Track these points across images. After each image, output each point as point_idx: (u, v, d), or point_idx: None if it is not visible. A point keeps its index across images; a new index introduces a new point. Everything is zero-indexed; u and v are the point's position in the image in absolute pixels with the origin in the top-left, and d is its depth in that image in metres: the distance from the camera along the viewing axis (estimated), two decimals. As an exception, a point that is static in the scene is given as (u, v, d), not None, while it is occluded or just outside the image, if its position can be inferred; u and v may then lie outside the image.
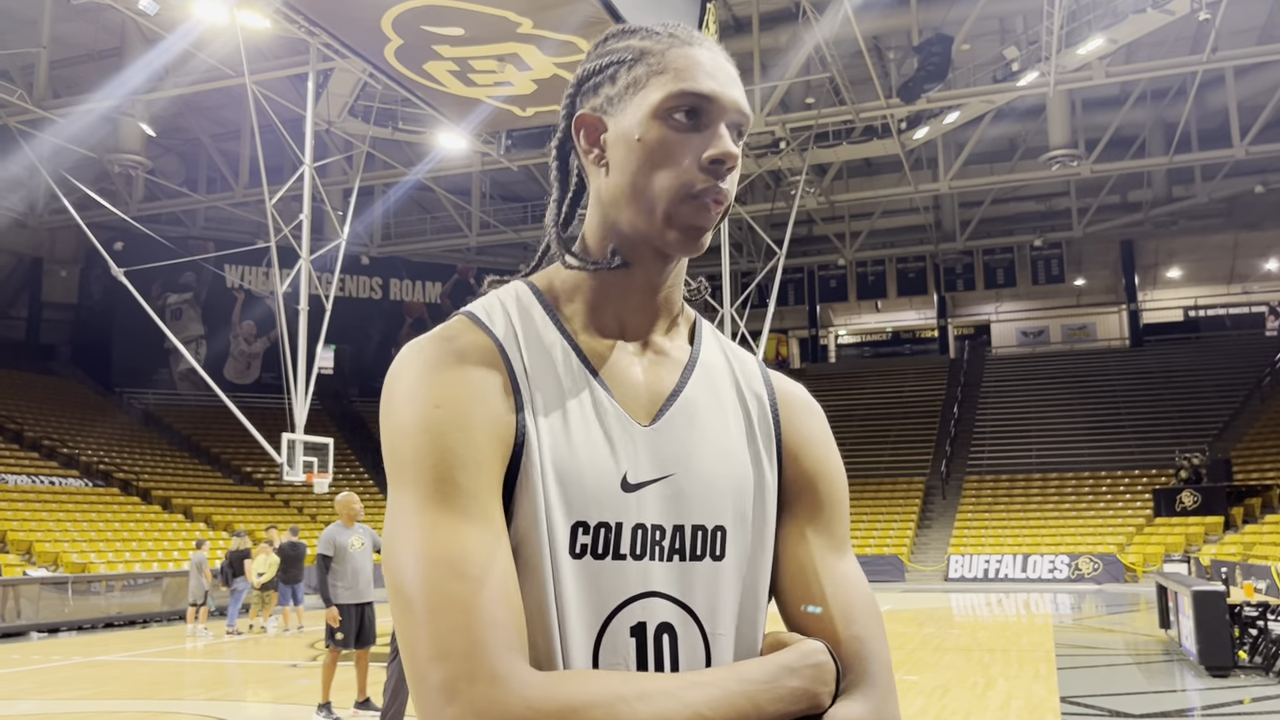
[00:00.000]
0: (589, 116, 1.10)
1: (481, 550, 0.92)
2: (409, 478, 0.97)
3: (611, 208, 1.08)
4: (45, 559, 20.32)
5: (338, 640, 8.45)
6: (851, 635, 1.04)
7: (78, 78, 25.14)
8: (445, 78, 16.62)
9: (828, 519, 1.12)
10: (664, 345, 1.12)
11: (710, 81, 1.05)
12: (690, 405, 1.09)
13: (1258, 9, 23.75)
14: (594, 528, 0.99)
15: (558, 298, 1.12)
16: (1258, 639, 10.95)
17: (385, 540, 0.96)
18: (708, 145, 1.04)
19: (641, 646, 1.00)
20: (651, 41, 1.09)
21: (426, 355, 1.03)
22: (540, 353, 1.06)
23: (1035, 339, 40.68)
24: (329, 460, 19.23)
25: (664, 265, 1.09)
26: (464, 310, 1.10)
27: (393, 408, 1.02)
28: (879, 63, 24.84)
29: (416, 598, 0.90)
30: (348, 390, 37.69)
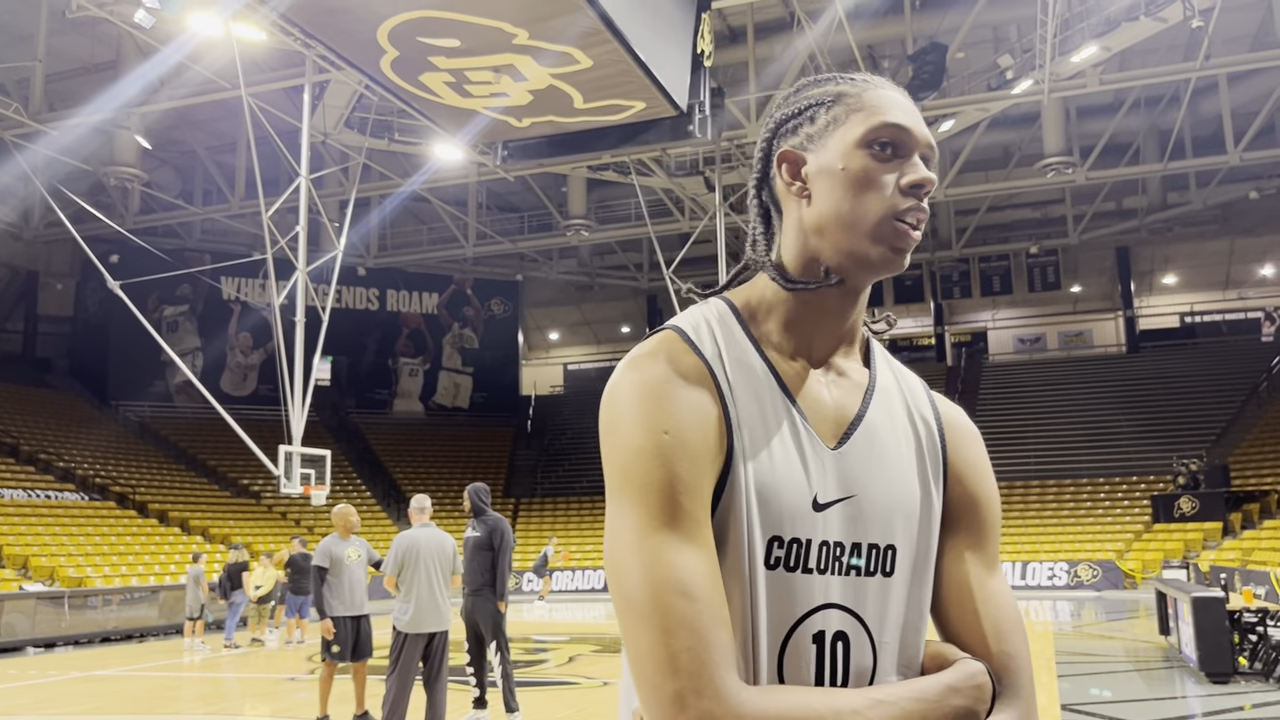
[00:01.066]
0: (791, 153, 1.21)
1: (704, 574, 1.03)
2: (637, 497, 1.06)
3: (814, 235, 1.18)
4: (41, 573, 20.25)
5: (334, 653, 8.41)
6: (1002, 651, 1.15)
7: (73, 91, 25.15)
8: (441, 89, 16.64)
9: (984, 540, 1.23)
10: (845, 367, 1.23)
11: (905, 116, 1.18)
12: (871, 430, 1.19)
13: (1250, 16, 23.85)
14: (787, 542, 1.10)
15: (754, 316, 1.22)
16: (1257, 645, 10.93)
17: (612, 554, 1.07)
18: (907, 172, 1.17)
19: (820, 653, 1.11)
20: (848, 85, 1.22)
21: (650, 376, 1.11)
22: (743, 374, 1.15)
23: (1032, 346, 40.71)
24: (326, 472, 19.18)
25: (859, 290, 1.20)
26: (672, 325, 1.19)
27: (618, 426, 1.10)
28: (874, 71, 24.86)
29: (650, 616, 1.01)
30: (345, 401, 37.66)
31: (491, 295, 40.94)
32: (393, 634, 7.54)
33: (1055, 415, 33.16)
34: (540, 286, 42.02)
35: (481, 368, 40.53)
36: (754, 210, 1.28)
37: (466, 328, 40.63)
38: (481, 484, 8.38)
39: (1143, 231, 35.33)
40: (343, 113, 23.71)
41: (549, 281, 41.14)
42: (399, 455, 35.98)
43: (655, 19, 16.03)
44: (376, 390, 39.12)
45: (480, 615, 8.06)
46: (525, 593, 27.50)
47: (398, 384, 39.54)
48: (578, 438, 37.35)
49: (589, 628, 19.01)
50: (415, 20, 14.05)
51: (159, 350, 21.73)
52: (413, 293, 39.47)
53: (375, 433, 37.18)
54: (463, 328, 40.55)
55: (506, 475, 36.59)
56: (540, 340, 46.13)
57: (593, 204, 33.32)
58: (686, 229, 29.41)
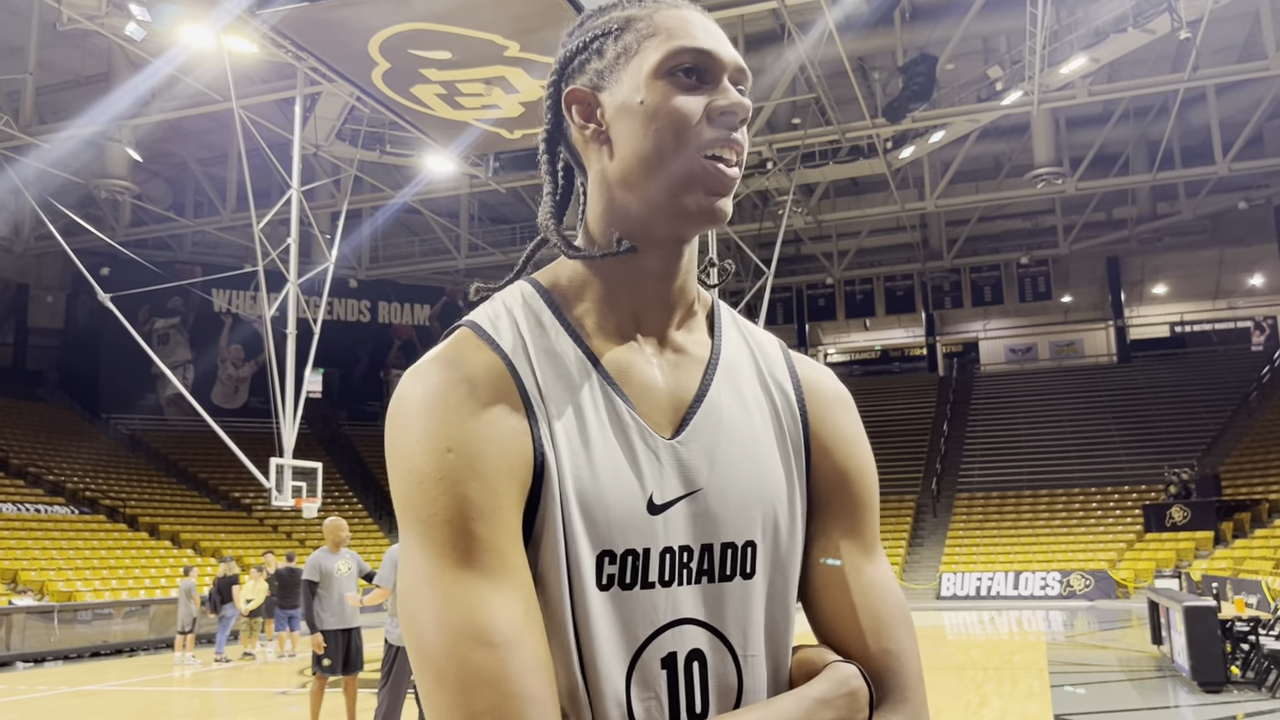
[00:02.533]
0: (580, 91, 1.04)
1: (508, 613, 0.87)
2: (423, 531, 0.90)
3: (620, 186, 1.02)
4: (31, 587, 20.13)
5: (324, 667, 8.38)
6: (882, 649, 1.01)
7: (64, 103, 25.11)
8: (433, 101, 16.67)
9: (857, 521, 1.07)
10: (683, 342, 1.06)
11: (707, 38, 1.02)
12: (715, 410, 1.02)
13: (1238, 28, 24.00)
14: (620, 556, 0.94)
15: (566, 297, 1.05)
16: (1249, 654, 10.94)
17: (403, 599, 0.91)
18: (716, 99, 1.00)
19: (673, 677, 0.96)
20: (635, 8, 1.05)
21: (432, 386, 0.94)
22: (553, 365, 0.99)
23: (1023, 356, 40.82)
24: (318, 485, 19.11)
25: (679, 247, 1.04)
26: (467, 321, 1.03)
27: (400, 448, 0.93)
28: (864, 83, 24.99)
29: (445, 672, 0.86)
30: (336, 414, 37.55)
31: (483, 307, 40.86)
32: (385, 647, 7.50)
33: (1047, 425, 33.22)
34: (532, 298, 41.97)
35: (474, 379, 40.42)
36: (543, 167, 1.10)
37: (458, 339, 40.54)
38: None
39: (1133, 241, 35.48)
40: (334, 125, 23.71)
41: (541, 293, 41.09)
42: (391, 467, 35.81)
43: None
44: (368, 402, 39.01)
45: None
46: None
47: (389, 396, 39.40)
48: (570, 449, 37.28)
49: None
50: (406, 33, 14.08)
51: (150, 363, 21.67)
52: (405, 304, 39.43)
53: (367, 445, 37.08)
54: (455, 339, 40.47)
55: (499, 487, 36.44)
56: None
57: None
58: (678, 240, 29.39)
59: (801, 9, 20.87)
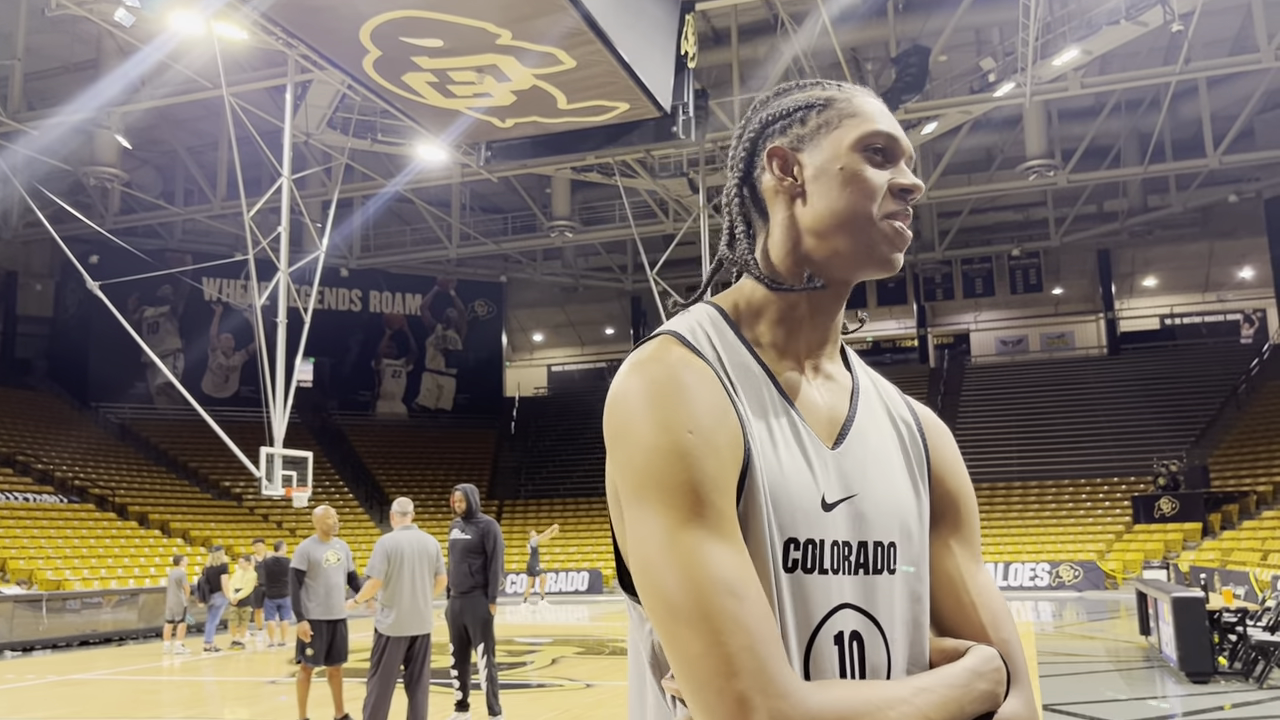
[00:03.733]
0: (783, 149, 1.22)
1: (745, 569, 1.03)
2: (665, 499, 1.04)
3: (810, 234, 1.20)
4: (19, 576, 20.06)
5: (308, 656, 8.36)
6: (1000, 639, 1.18)
7: (52, 90, 24.95)
8: (424, 89, 16.60)
9: (968, 534, 1.27)
10: (830, 370, 1.25)
11: (893, 126, 1.22)
12: (862, 430, 1.21)
13: (1229, 21, 24.04)
14: (803, 544, 1.10)
15: (743, 319, 1.23)
16: (1237, 645, 11.00)
17: (643, 559, 1.04)
18: (897, 176, 1.20)
19: (841, 654, 1.12)
20: (835, 91, 1.25)
21: (659, 377, 1.09)
22: (742, 376, 1.16)
23: (1014, 348, 40.92)
24: (308, 474, 19.09)
25: (845, 292, 1.23)
26: (669, 330, 1.18)
27: (633, 429, 1.07)
28: (857, 74, 24.97)
29: (700, 618, 0.99)
30: (327, 403, 37.49)
31: (475, 296, 40.84)
32: (374, 636, 7.50)
33: (1037, 416, 33.33)
34: (524, 288, 41.95)
35: (465, 369, 40.42)
36: (735, 209, 1.27)
37: (450, 329, 40.51)
38: (473, 486, 8.33)
39: (1123, 234, 35.57)
40: (325, 113, 23.60)
41: (533, 283, 41.08)
42: (382, 457, 35.84)
43: (638, 20, 16.04)
44: (359, 392, 38.95)
45: (470, 618, 8.01)
46: (509, 595, 27.43)
47: (380, 386, 39.39)
48: (562, 439, 37.30)
49: (572, 630, 18.98)
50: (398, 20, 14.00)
51: (139, 351, 21.58)
52: (396, 294, 39.34)
53: (358, 434, 37.03)
54: (446, 329, 40.43)
55: (490, 477, 36.49)
56: (524, 342, 46.04)
57: (577, 205, 33.29)
58: (671, 231, 29.41)
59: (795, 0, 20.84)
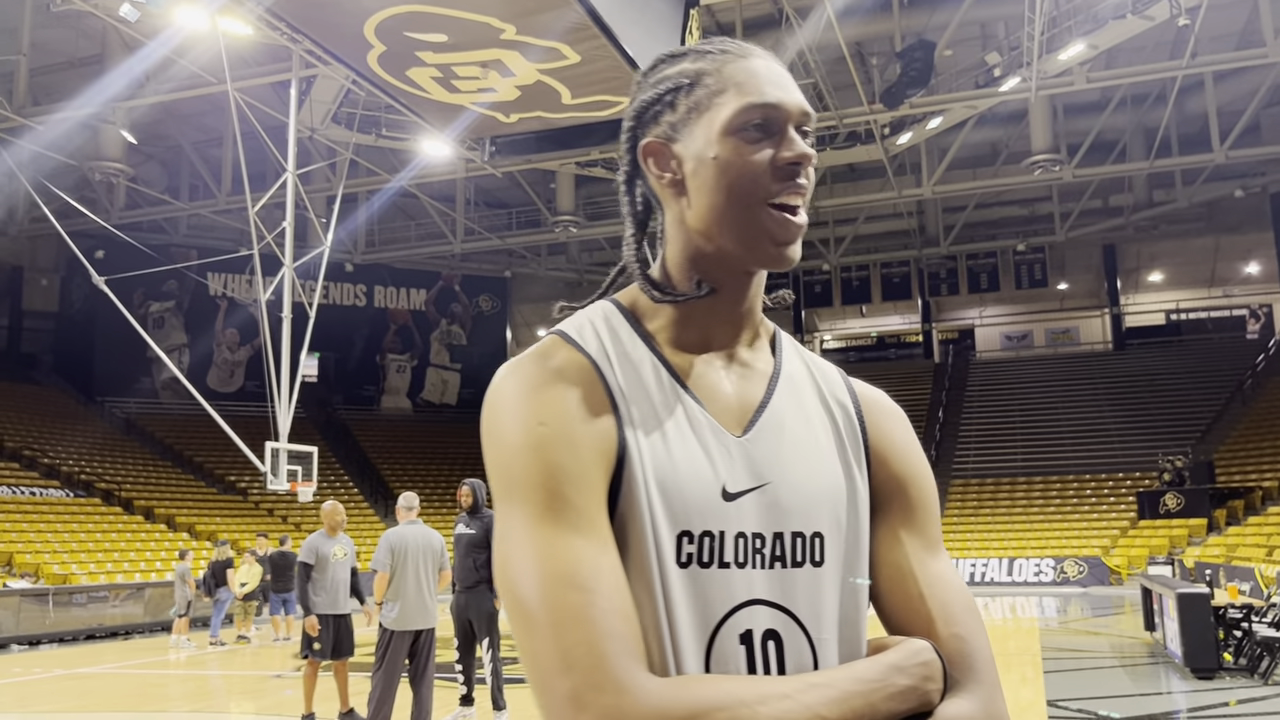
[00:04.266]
0: (655, 143, 1.12)
1: (595, 563, 0.96)
2: (520, 495, 0.99)
3: (698, 233, 1.10)
4: (25, 570, 20.13)
5: (315, 650, 8.38)
6: (952, 634, 1.06)
7: (58, 85, 24.97)
8: (429, 84, 16.58)
9: (920, 521, 1.15)
10: (748, 358, 1.15)
11: (773, 89, 1.09)
12: (778, 416, 1.11)
13: (1236, 14, 23.94)
14: (698, 537, 1.02)
15: (642, 315, 1.14)
16: (1242, 641, 10.99)
17: (499, 557, 0.99)
18: (781, 150, 1.07)
19: (750, 654, 1.02)
20: (704, 62, 1.12)
21: (526, 374, 1.05)
22: (631, 369, 1.08)
23: (1019, 343, 40.85)
24: (313, 469, 19.11)
25: (749, 283, 1.13)
26: (555, 330, 1.12)
27: (497, 427, 1.03)
28: (862, 69, 24.92)
29: (538, 612, 0.94)
30: (332, 398, 37.54)
31: (480, 292, 40.86)
32: (379, 631, 7.51)
33: (1042, 412, 33.28)
34: (529, 283, 41.95)
35: (470, 364, 40.44)
36: (625, 208, 1.17)
37: (455, 324, 40.54)
38: (479, 480, 8.32)
39: (1129, 229, 35.48)
40: (330, 108, 23.61)
41: (538, 278, 41.08)
42: (387, 452, 35.89)
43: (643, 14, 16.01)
44: (364, 387, 39.00)
45: (475, 612, 8.02)
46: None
47: (385, 380, 39.44)
48: (566, 434, 37.29)
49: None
50: (402, 15, 14.00)
51: (145, 346, 21.60)
52: (400, 289, 39.36)
53: (363, 429, 37.08)
54: (451, 324, 40.46)
55: (494, 472, 36.47)
56: (529, 337, 46.02)
57: (581, 200, 33.28)
58: (675, 226, 29.36)
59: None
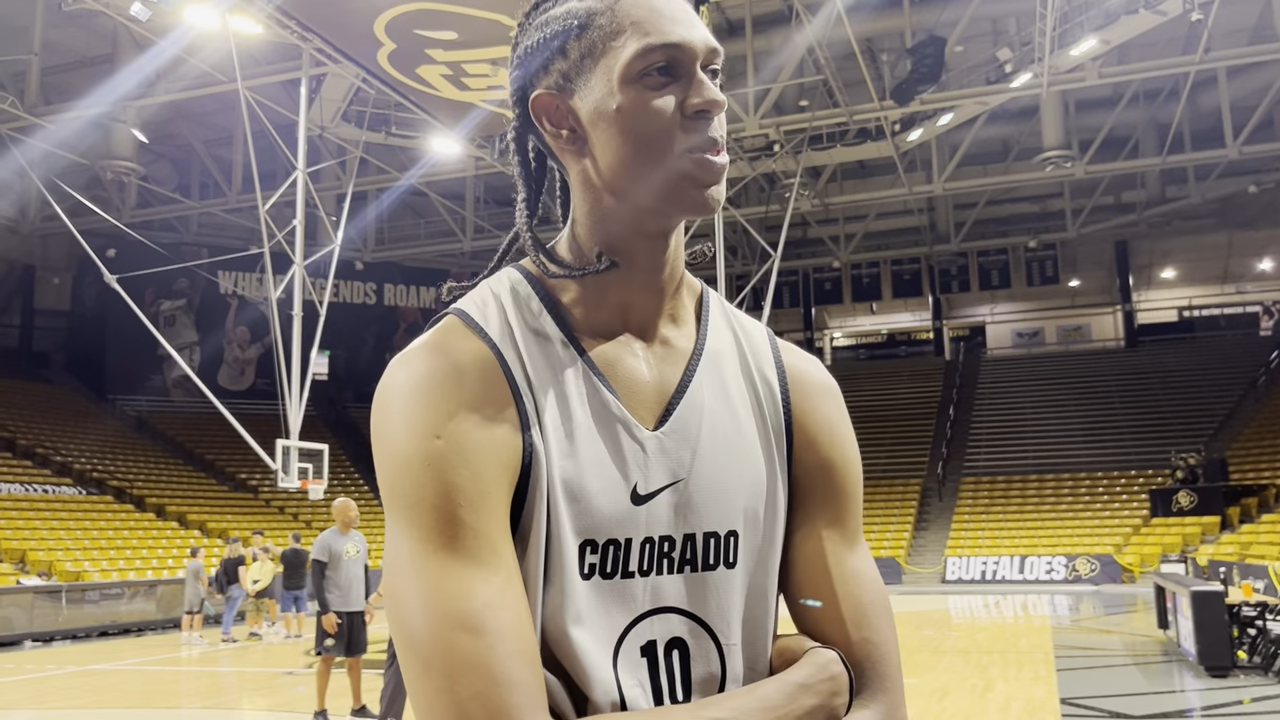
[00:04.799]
0: (547, 97, 0.99)
1: (494, 599, 0.86)
2: (410, 517, 0.89)
3: (607, 191, 0.99)
4: (39, 567, 20.22)
5: (328, 647, 8.39)
6: (863, 638, 0.99)
7: (69, 84, 25.05)
8: (438, 82, 16.60)
9: (840, 511, 1.06)
10: (669, 334, 1.04)
11: (676, 28, 0.96)
12: (697, 402, 1.01)
13: (1249, 9, 23.80)
14: (602, 546, 0.94)
15: (553, 286, 1.02)
16: (1256, 639, 10.93)
17: (389, 585, 0.90)
18: (689, 96, 0.96)
19: (653, 665, 0.95)
20: (593, 1, 0.98)
21: (419, 374, 0.94)
22: (540, 353, 0.97)
23: (1030, 340, 40.70)
24: (324, 466, 19.16)
25: (666, 245, 1.01)
26: (455, 309, 1.01)
27: (387, 434, 0.93)
28: (872, 65, 24.84)
29: (431, 659, 0.85)
30: (342, 396, 37.59)
31: (489, 289, 40.87)
32: (390, 629, 7.50)
33: (1053, 409, 33.16)
34: (538, 281, 41.98)
35: (479, 362, 40.47)
36: (516, 169, 1.06)
37: (464, 322, 40.56)
38: None
39: (1141, 225, 35.31)
40: (340, 106, 23.64)
41: (547, 276, 41.11)
42: (397, 450, 35.90)
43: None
44: (374, 384, 37.74)
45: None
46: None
47: (395, 378, 39.47)
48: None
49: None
50: (412, 13, 14.01)
51: (156, 344, 21.67)
52: (410, 287, 39.41)
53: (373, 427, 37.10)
54: (461, 322, 40.49)
55: (504, 469, 36.55)
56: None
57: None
58: (684, 223, 29.35)
59: (810, -10, 20.73)
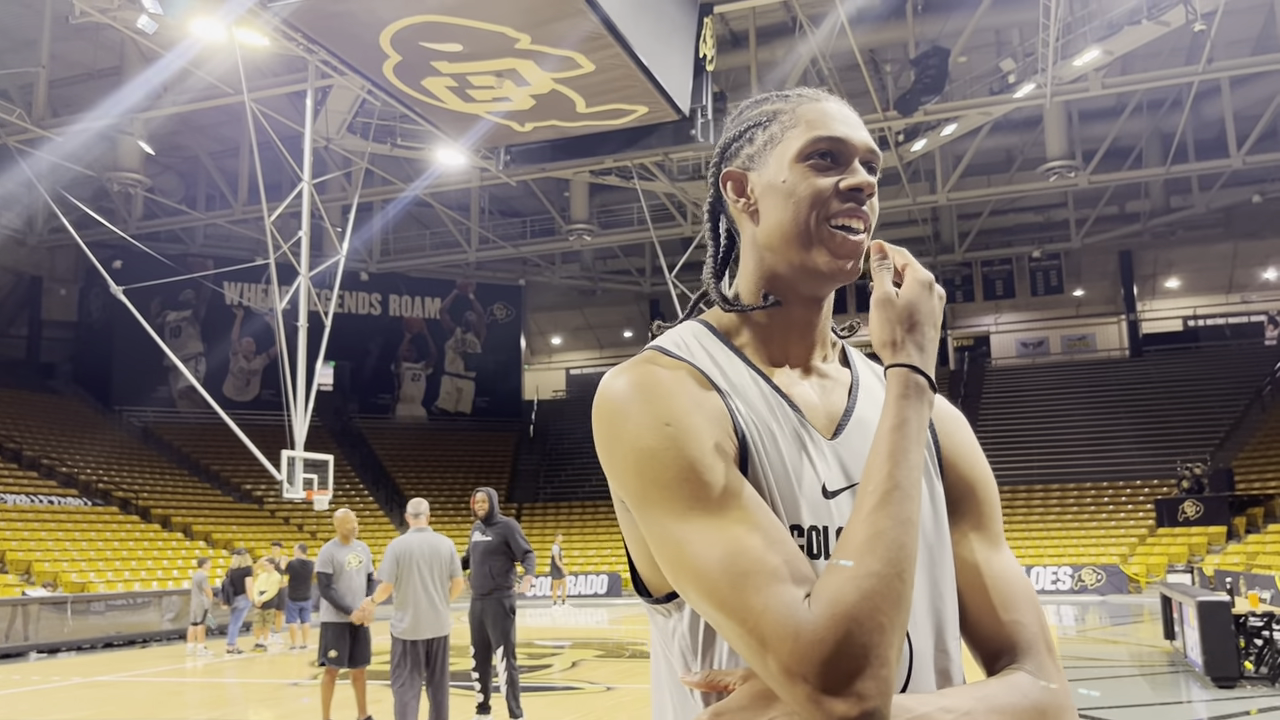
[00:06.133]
0: (734, 172, 1.25)
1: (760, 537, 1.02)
2: (666, 497, 1.05)
3: (767, 251, 1.22)
4: (44, 578, 20.25)
5: (331, 658, 8.38)
6: (1012, 620, 1.16)
7: (77, 96, 25.18)
8: (444, 94, 16.65)
9: (986, 520, 1.25)
10: (825, 370, 1.26)
11: (841, 126, 1.21)
12: (863, 421, 1.20)
13: (1253, 20, 23.82)
14: (806, 531, 1.10)
15: (729, 331, 1.25)
16: (1263, 649, 10.88)
17: (670, 564, 1.05)
18: (845, 179, 1.19)
19: None
20: (782, 103, 1.25)
21: (636, 378, 1.12)
22: (734, 376, 1.18)
23: (1035, 350, 40.66)
24: (329, 477, 19.18)
25: (819, 300, 1.25)
26: (652, 345, 1.22)
27: (621, 434, 1.09)
28: (876, 75, 24.90)
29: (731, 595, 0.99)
30: (348, 406, 37.66)
31: (494, 300, 40.94)
32: (391, 641, 7.50)
33: (1058, 419, 33.10)
34: (542, 291, 42.03)
35: (484, 372, 40.53)
36: (708, 234, 1.31)
37: (469, 332, 40.63)
38: (493, 489, 8.39)
39: (1145, 235, 35.29)
40: (345, 118, 23.72)
41: (551, 286, 41.15)
42: (402, 460, 35.97)
43: (657, 23, 16.05)
44: (379, 395, 39.11)
45: (490, 620, 8.04)
46: (529, 599, 27.47)
47: (400, 389, 39.54)
48: (580, 442, 37.29)
49: (593, 633, 18.98)
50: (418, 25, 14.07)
51: (162, 355, 21.74)
52: (415, 298, 39.49)
53: (378, 438, 37.18)
54: (465, 332, 40.56)
55: (509, 480, 36.57)
56: (542, 345, 46.11)
57: (595, 209, 33.32)
58: (689, 233, 29.40)
59: (813, 1, 20.81)
